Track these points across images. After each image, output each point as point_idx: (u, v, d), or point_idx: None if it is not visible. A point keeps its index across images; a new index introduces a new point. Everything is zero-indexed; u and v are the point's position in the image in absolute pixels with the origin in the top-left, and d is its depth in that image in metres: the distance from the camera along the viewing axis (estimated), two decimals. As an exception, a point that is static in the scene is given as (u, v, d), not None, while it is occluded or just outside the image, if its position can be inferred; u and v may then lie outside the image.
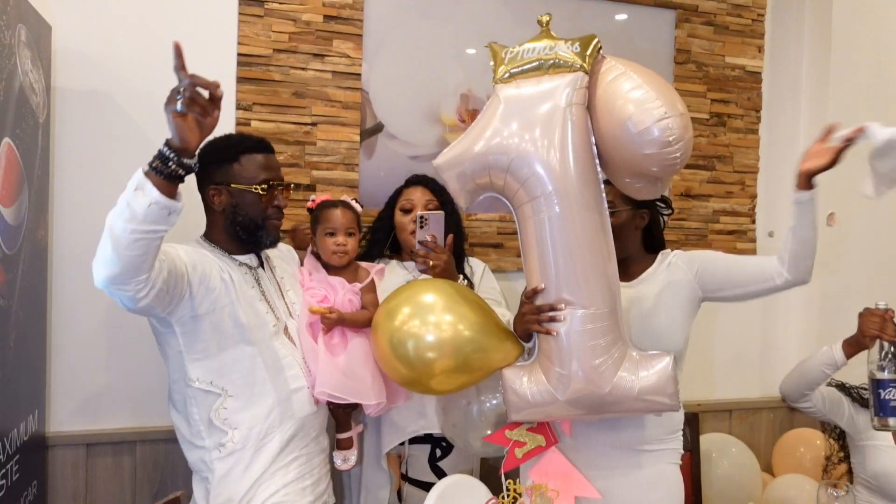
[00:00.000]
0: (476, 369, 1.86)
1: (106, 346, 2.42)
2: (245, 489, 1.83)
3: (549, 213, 1.69)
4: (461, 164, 1.77)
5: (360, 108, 2.69)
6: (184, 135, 1.53)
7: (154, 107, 2.41)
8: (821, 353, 2.39)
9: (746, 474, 2.95)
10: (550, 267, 1.72)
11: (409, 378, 1.89)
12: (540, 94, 1.73)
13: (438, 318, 1.85)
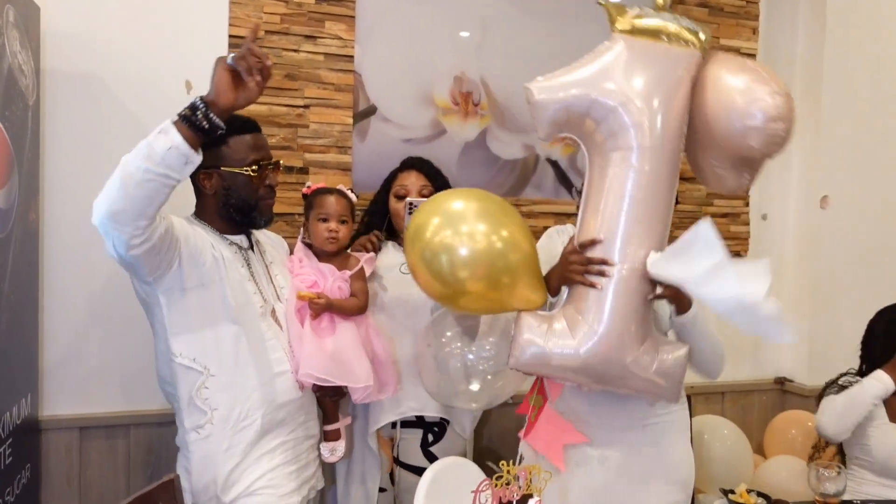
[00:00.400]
0: (504, 287, 1.77)
1: (98, 329, 2.41)
2: (227, 472, 1.83)
3: (639, 167, 1.68)
4: (562, 93, 1.71)
5: (353, 90, 2.67)
6: (221, 88, 1.60)
7: (144, 88, 2.42)
8: (867, 388, 2.35)
9: (738, 456, 2.96)
10: (621, 218, 1.70)
11: (442, 293, 1.82)
12: (659, 57, 1.73)
13: (471, 227, 1.75)
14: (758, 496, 1.97)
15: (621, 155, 1.70)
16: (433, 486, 1.86)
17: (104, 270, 2.35)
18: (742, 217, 3.30)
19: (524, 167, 2.95)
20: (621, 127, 1.69)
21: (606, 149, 1.72)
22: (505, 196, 2.90)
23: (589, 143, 1.77)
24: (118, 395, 2.44)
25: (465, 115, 2.84)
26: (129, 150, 2.32)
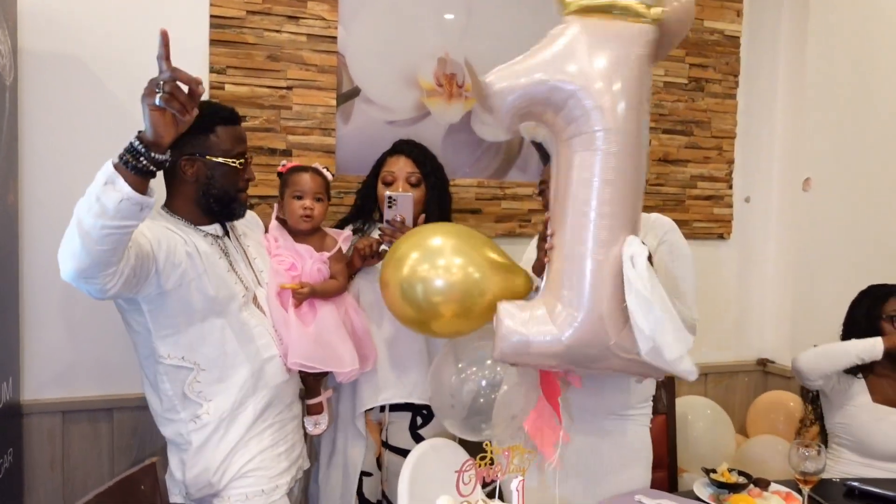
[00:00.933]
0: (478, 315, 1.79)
1: (80, 311, 2.39)
2: (221, 458, 1.84)
3: (605, 149, 1.64)
4: (520, 83, 1.67)
5: (337, 71, 2.65)
6: (159, 129, 1.49)
7: (124, 70, 2.39)
8: (861, 343, 2.40)
9: (721, 436, 3.00)
10: (592, 203, 1.65)
11: (414, 319, 1.82)
12: (615, 35, 1.69)
13: (448, 261, 1.78)
14: (739, 475, 1.99)
15: (585, 139, 1.66)
16: (418, 466, 1.87)
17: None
18: (725, 199, 3.31)
19: (509, 149, 2.95)
20: (583, 111, 1.65)
21: (569, 134, 1.68)
22: (490, 178, 2.91)
23: (553, 129, 1.73)
24: (101, 378, 2.43)
25: (450, 96, 2.83)
26: (108, 132, 2.33)
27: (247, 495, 1.87)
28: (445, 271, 1.76)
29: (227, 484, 1.85)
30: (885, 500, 1.95)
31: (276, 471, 1.92)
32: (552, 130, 1.74)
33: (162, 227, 1.80)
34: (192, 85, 1.50)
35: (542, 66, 1.68)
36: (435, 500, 1.32)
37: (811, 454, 1.87)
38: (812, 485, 1.88)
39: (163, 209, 1.88)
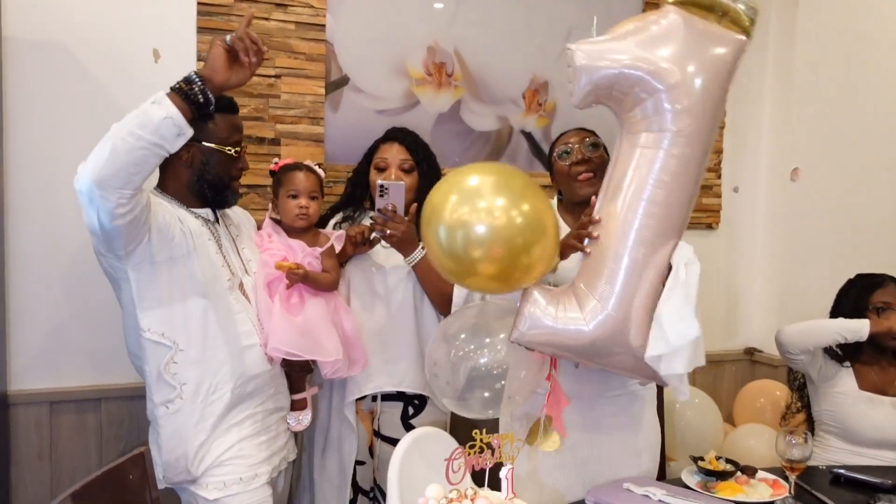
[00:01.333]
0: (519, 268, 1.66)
1: (67, 300, 2.37)
2: (197, 445, 1.84)
3: (669, 152, 1.62)
4: (608, 62, 1.62)
5: (325, 60, 2.64)
6: (217, 65, 1.69)
7: (110, 56, 2.37)
8: (846, 321, 2.41)
9: (709, 424, 3.02)
10: (643, 201, 1.64)
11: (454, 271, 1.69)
12: (711, 37, 1.64)
13: (489, 202, 1.59)
14: (726, 462, 2.00)
15: (654, 137, 1.64)
16: (407, 455, 1.87)
17: (72, 239, 2.31)
18: (714, 189, 3.32)
19: (498, 139, 2.94)
20: (662, 109, 1.62)
21: (639, 129, 1.67)
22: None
23: (624, 117, 1.71)
24: (88, 368, 2.41)
25: (439, 85, 2.82)
26: (93, 118, 2.31)
27: (224, 483, 1.87)
28: (488, 214, 1.58)
29: (206, 471, 1.86)
30: (871, 487, 1.96)
31: (256, 459, 1.91)
32: (622, 118, 1.71)
33: (159, 202, 1.82)
34: (259, 44, 1.71)
35: (634, 53, 1.62)
36: (425, 489, 1.32)
37: (798, 442, 1.88)
38: (799, 472, 1.90)
39: (155, 190, 1.89)
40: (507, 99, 2.94)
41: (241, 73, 1.73)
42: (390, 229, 2.09)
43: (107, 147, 1.57)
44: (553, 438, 1.81)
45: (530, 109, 2.97)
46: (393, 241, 2.11)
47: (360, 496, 2.35)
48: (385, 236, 2.11)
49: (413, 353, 2.28)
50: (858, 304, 2.46)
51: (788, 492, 1.89)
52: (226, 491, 1.86)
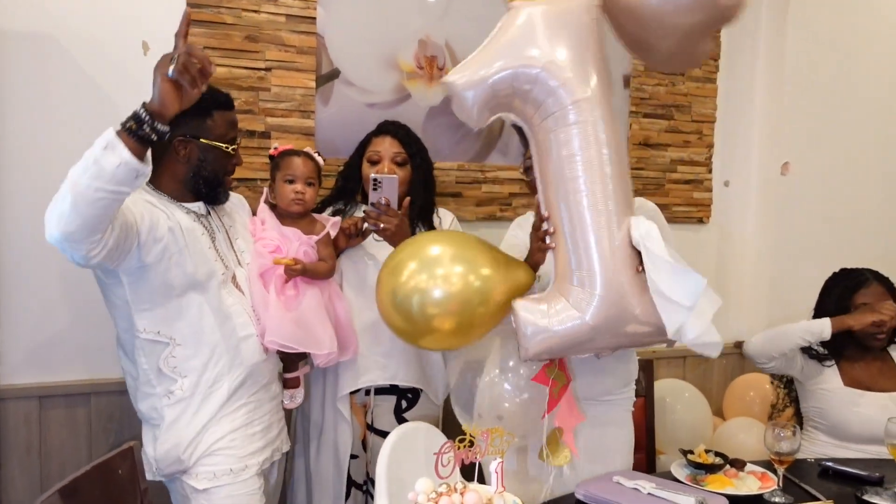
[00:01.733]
0: (478, 325, 1.76)
1: (56, 296, 2.36)
2: (192, 435, 1.85)
3: (579, 120, 1.65)
4: (482, 72, 1.68)
5: (316, 53, 2.62)
6: (166, 100, 1.55)
7: (100, 49, 2.35)
8: (806, 324, 2.44)
9: (698, 418, 3.03)
10: (579, 176, 1.66)
11: (404, 330, 1.80)
12: (561, 12, 1.70)
13: (447, 270, 1.72)
14: (716, 456, 2.02)
15: (559, 117, 1.67)
16: (396, 449, 1.88)
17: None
18: (705, 184, 3.33)
19: (489, 133, 2.94)
20: (550, 91, 1.66)
21: (542, 116, 1.69)
22: (470, 162, 2.90)
23: (526, 117, 1.74)
24: (78, 362, 2.40)
25: (430, 79, 2.81)
26: (83, 112, 2.30)
27: (214, 473, 1.87)
28: (444, 281, 1.71)
29: (197, 461, 1.86)
30: (859, 480, 1.98)
31: (248, 450, 1.92)
32: (524, 118, 1.74)
33: (144, 202, 1.80)
34: (204, 63, 1.57)
35: (501, 54, 1.68)
36: (414, 483, 1.32)
37: (786, 435, 1.90)
38: (787, 465, 1.91)
39: (147, 185, 1.88)
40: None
41: (192, 94, 1.60)
42: (384, 223, 2.09)
43: (67, 200, 1.50)
44: (565, 453, 1.83)
45: (522, 103, 2.96)
46: (386, 234, 2.11)
47: (354, 489, 2.35)
48: (378, 230, 2.11)
49: (406, 347, 2.28)
50: (841, 305, 2.46)
51: (777, 484, 1.90)
52: (215, 481, 1.87)
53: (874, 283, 2.45)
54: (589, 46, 1.69)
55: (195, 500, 1.88)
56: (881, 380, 2.42)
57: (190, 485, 1.87)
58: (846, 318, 2.39)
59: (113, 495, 1.54)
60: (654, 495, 1.77)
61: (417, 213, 2.33)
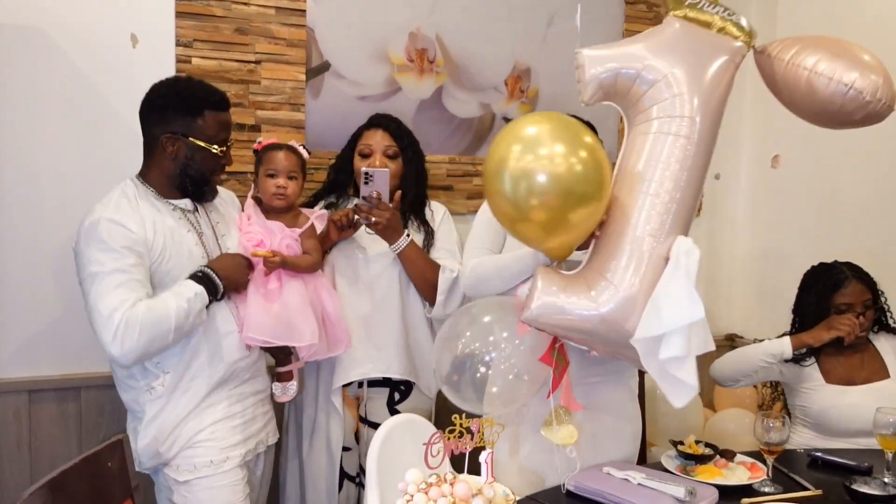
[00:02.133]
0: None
1: (46, 290, 2.35)
2: (170, 429, 1.86)
3: (677, 134, 1.75)
4: (612, 63, 1.80)
5: (306, 45, 2.61)
6: (240, 282, 1.93)
7: (89, 41, 2.34)
8: (765, 345, 2.43)
9: (689, 410, 3.03)
10: (653, 183, 1.74)
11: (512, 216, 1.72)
12: (711, 39, 1.84)
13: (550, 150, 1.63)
14: (706, 447, 2.02)
15: (663, 123, 1.76)
16: (387, 441, 1.88)
17: (52, 228, 2.30)
18: (696, 176, 3.33)
19: (480, 126, 2.94)
20: (665, 96, 1.76)
21: (646, 118, 1.78)
22: (461, 155, 2.90)
23: (630, 112, 1.84)
24: (67, 357, 2.39)
25: (421, 72, 2.80)
26: (72, 104, 2.29)
27: (195, 465, 1.88)
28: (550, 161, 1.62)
29: (177, 454, 1.87)
30: (847, 469, 1.99)
31: (229, 442, 1.93)
32: (627, 112, 1.84)
33: (134, 209, 1.80)
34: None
35: (634, 53, 1.81)
36: (404, 474, 1.32)
37: (775, 425, 1.91)
38: (776, 455, 1.92)
39: (137, 179, 1.89)
40: (489, 86, 2.93)
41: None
42: (375, 217, 2.09)
43: (168, 339, 1.75)
44: (570, 431, 1.83)
45: (513, 96, 2.97)
46: (378, 228, 2.11)
47: (347, 482, 2.36)
48: (370, 224, 2.11)
49: (399, 340, 2.29)
50: (821, 307, 2.43)
51: (766, 474, 1.91)
52: (196, 473, 1.88)
53: (853, 282, 2.41)
54: (714, 78, 1.81)
55: (177, 491, 1.89)
56: (863, 371, 2.40)
57: (171, 477, 1.89)
58: (804, 337, 2.37)
59: (102, 488, 1.54)
60: (644, 486, 1.77)
61: (409, 206, 2.33)
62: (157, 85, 1.89)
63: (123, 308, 1.69)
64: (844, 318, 2.36)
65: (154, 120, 1.85)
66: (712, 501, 1.74)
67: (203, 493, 1.88)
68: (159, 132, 1.83)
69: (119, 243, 1.74)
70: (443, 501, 1.24)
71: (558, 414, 1.83)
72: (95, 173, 2.31)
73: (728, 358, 2.52)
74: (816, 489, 1.87)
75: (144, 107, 1.88)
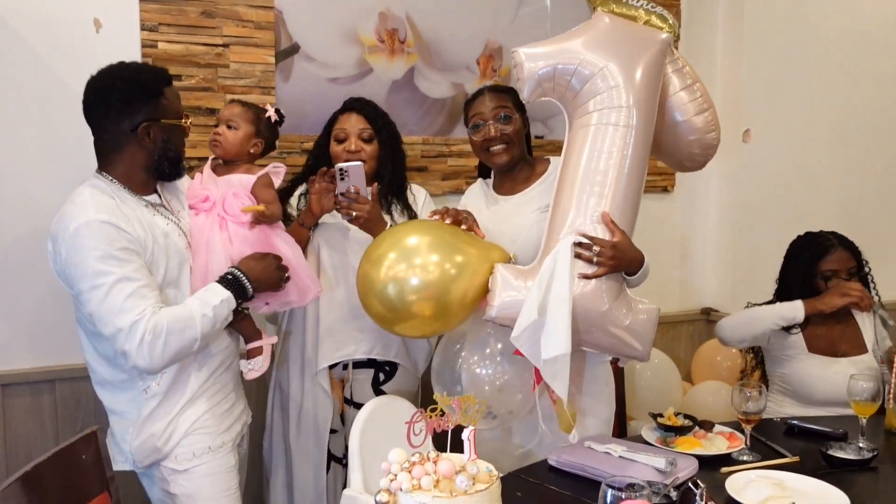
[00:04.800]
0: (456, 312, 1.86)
1: (14, 284, 2.30)
2: (165, 425, 1.84)
3: (616, 123, 1.84)
4: (549, 60, 1.88)
5: (274, 27, 2.57)
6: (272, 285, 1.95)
7: (50, 27, 2.28)
8: (779, 309, 2.44)
9: (667, 383, 3.07)
10: (598, 173, 1.83)
11: (383, 317, 1.89)
12: (640, 32, 1.95)
13: (424, 259, 1.82)
14: (685, 418, 2.04)
15: (603, 114, 1.85)
16: (370, 421, 1.88)
17: (25, 218, 2.25)
18: (669, 152, 3.34)
19: (453, 106, 2.92)
20: (603, 89, 1.85)
21: (583, 111, 1.87)
22: (435, 135, 2.88)
23: (570, 106, 1.91)
24: (40, 350, 2.35)
25: (392, 52, 2.78)
26: (35, 92, 2.24)
27: (194, 453, 1.87)
28: (422, 269, 1.81)
29: (175, 445, 1.85)
30: (823, 436, 2.02)
31: (222, 427, 1.93)
32: (567, 108, 1.92)
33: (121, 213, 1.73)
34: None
35: (568, 49, 1.88)
36: (388, 454, 1.32)
37: (752, 395, 1.93)
38: (754, 424, 1.94)
39: (103, 176, 1.80)
40: (461, 65, 2.91)
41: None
42: (356, 211, 2.08)
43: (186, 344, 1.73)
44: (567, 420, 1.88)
45: (485, 75, 2.95)
46: (360, 222, 2.10)
47: (333, 463, 2.36)
48: (352, 219, 2.10)
49: None
50: (807, 274, 2.48)
51: (744, 443, 1.93)
52: (195, 461, 1.87)
53: (839, 249, 2.46)
54: (647, 70, 1.89)
55: (174, 481, 1.87)
56: (843, 345, 2.44)
57: (169, 467, 1.86)
58: (817, 303, 2.40)
59: (77, 481, 1.52)
60: (626, 458, 1.78)
61: (387, 187, 2.32)
62: (97, 82, 1.78)
63: (144, 319, 1.65)
64: (854, 284, 2.41)
65: (117, 116, 1.76)
66: (692, 471, 1.76)
67: (202, 479, 1.87)
68: (129, 126, 1.76)
69: (115, 246, 1.67)
70: (426, 480, 1.24)
71: (561, 410, 1.86)
72: (58, 163, 2.27)
73: (738, 319, 2.54)
74: (794, 456, 1.90)
75: (98, 107, 1.77)
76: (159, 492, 1.92)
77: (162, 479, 1.89)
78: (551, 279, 1.73)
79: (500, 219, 2.08)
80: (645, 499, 1.30)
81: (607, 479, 1.36)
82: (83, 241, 1.66)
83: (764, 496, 1.62)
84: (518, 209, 2.08)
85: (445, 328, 1.93)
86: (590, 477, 1.74)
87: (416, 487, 1.24)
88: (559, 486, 1.76)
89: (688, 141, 2.04)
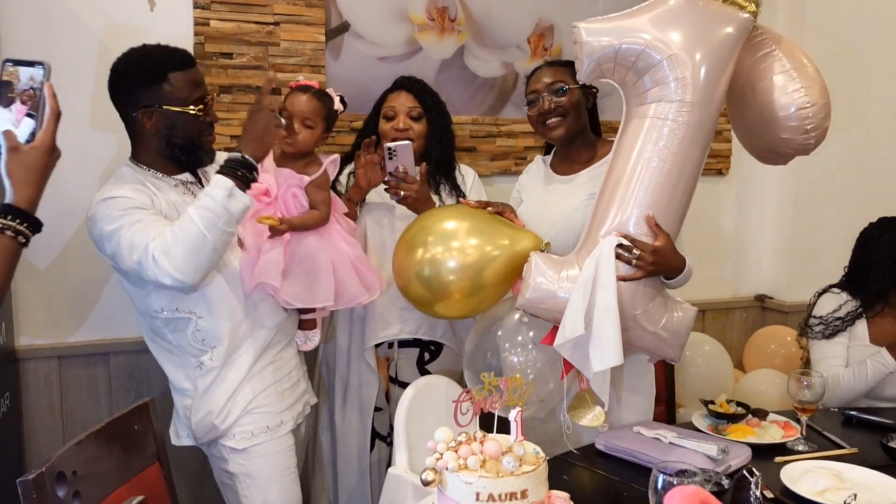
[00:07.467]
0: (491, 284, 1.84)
1: (71, 258, 2.35)
2: (223, 401, 1.85)
3: (677, 120, 1.70)
4: (612, 38, 1.72)
5: (325, 6, 2.57)
6: (269, 148, 1.78)
7: (105, 8, 2.30)
8: (873, 370, 2.32)
9: (719, 371, 3.00)
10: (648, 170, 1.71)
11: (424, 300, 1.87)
12: (717, 9, 1.74)
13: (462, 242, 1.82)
14: (737, 406, 1.99)
15: (657, 108, 1.71)
16: (415, 400, 1.87)
17: (75, 194, 2.28)
18: (724, 134, 3.24)
19: (503, 85, 2.88)
20: (663, 80, 1.70)
21: (644, 100, 1.73)
22: (484, 115, 2.85)
23: (629, 91, 1.78)
24: (96, 323, 2.41)
25: (442, 31, 2.75)
26: (87, 71, 2.26)
27: (252, 432, 1.88)
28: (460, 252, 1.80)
29: (233, 423, 1.87)
30: (883, 428, 1.95)
31: (281, 407, 1.93)
32: (626, 91, 1.79)
33: (141, 189, 1.75)
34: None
35: (634, 29, 1.72)
36: (433, 433, 1.31)
37: (809, 383, 1.87)
38: (810, 413, 1.88)
39: (132, 162, 1.83)
40: (511, 44, 2.87)
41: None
42: (404, 190, 2.07)
43: (207, 249, 1.63)
44: (596, 412, 1.83)
45: (536, 54, 2.90)
46: (408, 202, 2.09)
47: (378, 441, 2.38)
48: (400, 199, 2.09)
49: None
50: (893, 256, 2.38)
51: (800, 433, 1.88)
52: (253, 440, 1.88)
53: None
54: (719, 55, 1.73)
55: (232, 460, 1.89)
56: None
57: (228, 446, 1.88)
58: None
59: (128, 450, 1.54)
60: (676, 444, 1.75)
61: (435, 166, 2.30)
62: (113, 67, 1.79)
63: (153, 241, 1.63)
64: None
65: (123, 100, 1.77)
66: (745, 460, 1.71)
67: (260, 458, 1.89)
68: (132, 110, 1.76)
69: (126, 205, 1.70)
70: (473, 460, 1.23)
71: (583, 398, 1.82)
72: (113, 141, 2.31)
73: (845, 391, 2.36)
74: (851, 447, 1.83)
75: (111, 90, 1.79)
76: (219, 470, 1.95)
77: (220, 457, 1.91)
78: (594, 286, 1.66)
79: (553, 199, 2.04)
80: (697, 485, 1.27)
81: (658, 464, 1.33)
82: (97, 214, 1.71)
83: (822, 487, 1.56)
84: (568, 193, 2.04)
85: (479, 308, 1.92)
86: (639, 462, 1.71)
87: (462, 467, 1.22)
88: (607, 470, 1.73)
89: (779, 139, 1.85)
